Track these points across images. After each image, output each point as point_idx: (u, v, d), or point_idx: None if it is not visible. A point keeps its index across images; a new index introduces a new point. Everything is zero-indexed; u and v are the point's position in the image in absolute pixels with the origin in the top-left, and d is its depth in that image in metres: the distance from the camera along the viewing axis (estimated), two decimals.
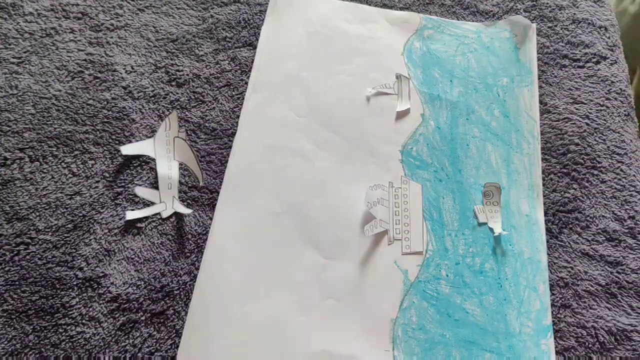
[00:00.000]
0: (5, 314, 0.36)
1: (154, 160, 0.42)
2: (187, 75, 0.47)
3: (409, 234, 0.40)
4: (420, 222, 0.41)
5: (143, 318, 0.37)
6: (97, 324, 0.36)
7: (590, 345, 0.37)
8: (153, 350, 0.36)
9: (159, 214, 0.41)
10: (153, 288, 0.38)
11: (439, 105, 0.47)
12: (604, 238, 0.41)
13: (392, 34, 0.50)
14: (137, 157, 0.43)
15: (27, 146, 0.43)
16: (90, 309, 0.37)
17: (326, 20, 0.51)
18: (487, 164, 0.44)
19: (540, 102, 0.47)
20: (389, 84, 0.47)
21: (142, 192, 0.41)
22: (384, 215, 0.41)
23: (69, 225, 0.40)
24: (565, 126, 0.46)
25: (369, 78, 0.47)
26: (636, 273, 0.40)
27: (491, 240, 0.40)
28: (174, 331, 0.36)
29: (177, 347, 0.36)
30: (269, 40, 0.49)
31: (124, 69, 0.47)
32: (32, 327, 0.36)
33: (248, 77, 0.47)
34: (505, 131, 0.45)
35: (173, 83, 0.47)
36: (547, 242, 0.41)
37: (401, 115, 0.46)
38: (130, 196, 0.41)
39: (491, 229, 0.41)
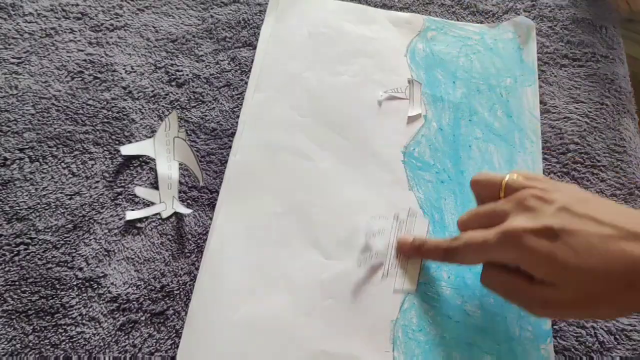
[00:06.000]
0: (5, 314, 0.36)
1: (153, 160, 0.42)
2: (187, 75, 0.47)
3: (405, 269, 0.39)
4: (418, 260, 0.39)
5: (143, 318, 0.37)
6: (97, 324, 0.36)
7: (590, 345, 0.37)
8: (153, 351, 0.36)
9: (159, 214, 0.41)
10: (153, 288, 0.38)
11: (441, 107, 0.46)
12: None
13: (395, 35, 0.50)
14: (137, 157, 0.43)
15: (27, 146, 0.43)
16: (90, 309, 0.37)
17: (329, 21, 0.50)
18: (490, 165, 0.44)
19: (540, 102, 0.47)
20: (400, 88, 0.47)
21: (142, 192, 0.41)
22: (382, 248, 0.39)
23: (69, 226, 0.40)
24: (564, 125, 0.46)
25: (372, 79, 0.47)
26: None
27: None
28: (174, 331, 0.36)
29: (177, 347, 0.36)
30: (272, 41, 0.49)
31: (123, 69, 0.47)
32: (32, 327, 0.36)
33: (248, 77, 0.47)
34: (508, 131, 0.45)
35: (173, 83, 0.47)
36: None
37: (404, 116, 0.46)
38: (130, 196, 0.41)
39: None
